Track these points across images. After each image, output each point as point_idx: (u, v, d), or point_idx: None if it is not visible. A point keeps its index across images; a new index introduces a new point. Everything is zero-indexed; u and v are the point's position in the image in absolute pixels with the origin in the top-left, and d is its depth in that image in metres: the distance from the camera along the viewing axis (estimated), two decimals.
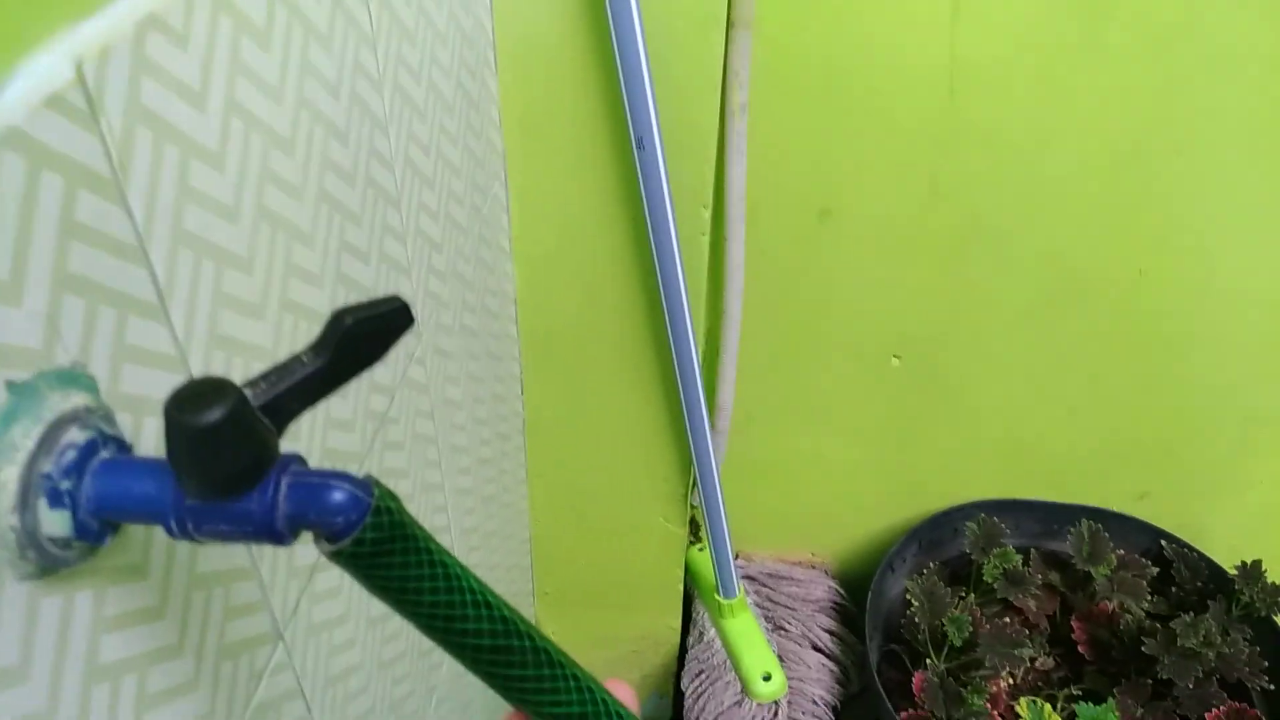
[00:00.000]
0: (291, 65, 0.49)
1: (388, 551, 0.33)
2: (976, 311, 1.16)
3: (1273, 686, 1.08)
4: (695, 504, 1.26)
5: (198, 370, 0.42)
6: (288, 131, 0.49)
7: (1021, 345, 1.19)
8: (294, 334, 0.51)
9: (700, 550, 1.37)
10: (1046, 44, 0.96)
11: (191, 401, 0.29)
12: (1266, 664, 1.08)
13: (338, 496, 0.32)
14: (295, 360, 0.33)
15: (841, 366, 1.23)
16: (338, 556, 0.33)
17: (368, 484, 0.33)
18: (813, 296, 1.16)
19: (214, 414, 0.29)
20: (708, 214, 0.99)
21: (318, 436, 0.57)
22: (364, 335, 0.33)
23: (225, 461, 0.30)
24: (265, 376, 0.32)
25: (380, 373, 0.67)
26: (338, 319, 0.33)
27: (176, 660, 0.43)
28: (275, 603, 0.53)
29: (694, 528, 1.39)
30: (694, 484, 1.20)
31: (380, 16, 0.61)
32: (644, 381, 1.13)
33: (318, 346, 0.33)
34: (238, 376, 0.36)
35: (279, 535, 0.32)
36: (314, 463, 0.56)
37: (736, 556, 1.46)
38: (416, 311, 0.73)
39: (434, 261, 0.76)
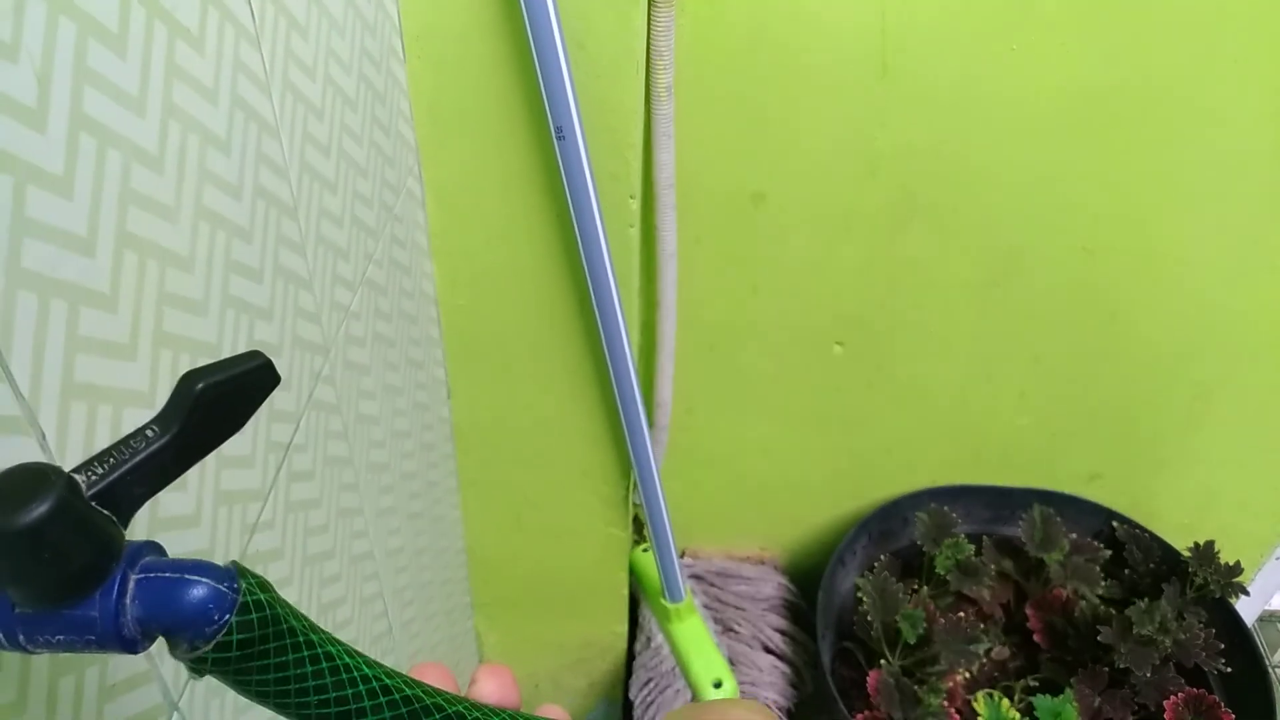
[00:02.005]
0: (155, 67, 0.42)
1: (262, 653, 0.28)
2: (918, 293, 1.12)
3: (1229, 669, 1.06)
4: (638, 503, 1.22)
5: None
6: (154, 147, 0.42)
7: (966, 327, 1.15)
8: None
9: (645, 551, 1.32)
10: (982, 12, 0.91)
11: (8, 496, 0.24)
12: (1222, 646, 1.06)
13: (196, 593, 0.27)
14: (138, 435, 0.27)
15: (783, 355, 1.18)
16: (201, 664, 0.28)
17: (232, 574, 0.28)
18: (750, 284, 1.12)
19: (35, 511, 0.24)
20: (635, 205, 0.93)
21: (209, 479, 0.51)
22: (220, 400, 0.28)
23: (55, 565, 0.25)
24: (102, 457, 0.27)
25: (282, 399, 0.60)
26: (186, 384, 0.27)
27: None
28: (166, 670, 0.47)
29: (639, 527, 1.35)
30: (635, 484, 1.15)
31: (264, 10, 0.54)
32: (577, 380, 1.08)
33: (165, 417, 0.27)
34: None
35: (130, 643, 0.27)
36: (207, 509, 0.50)
37: (683, 554, 1.42)
38: (321, 325, 0.67)
39: (340, 270, 0.70)
